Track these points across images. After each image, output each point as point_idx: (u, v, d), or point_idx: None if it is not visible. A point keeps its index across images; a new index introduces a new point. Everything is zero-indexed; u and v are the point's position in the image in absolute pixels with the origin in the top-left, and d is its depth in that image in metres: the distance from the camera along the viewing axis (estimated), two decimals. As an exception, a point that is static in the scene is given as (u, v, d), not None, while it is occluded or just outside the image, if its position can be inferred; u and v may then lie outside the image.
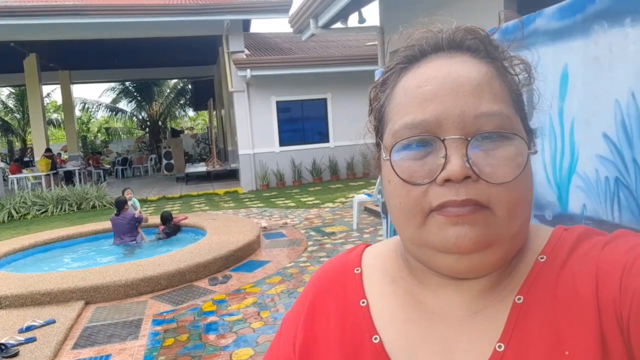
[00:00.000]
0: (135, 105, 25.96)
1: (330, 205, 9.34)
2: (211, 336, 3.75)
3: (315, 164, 12.91)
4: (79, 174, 14.78)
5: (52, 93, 26.07)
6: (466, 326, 0.52)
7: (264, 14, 12.24)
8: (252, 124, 12.48)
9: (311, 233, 7.02)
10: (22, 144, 25.54)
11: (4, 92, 25.45)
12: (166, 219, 7.21)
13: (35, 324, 3.99)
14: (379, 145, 0.56)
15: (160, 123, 25.82)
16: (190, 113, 30.83)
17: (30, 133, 20.08)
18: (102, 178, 17.17)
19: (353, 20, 7.78)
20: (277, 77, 12.33)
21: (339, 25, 7.90)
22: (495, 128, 0.48)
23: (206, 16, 11.70)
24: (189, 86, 24.64)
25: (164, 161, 17.93)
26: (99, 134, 29.00)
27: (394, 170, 0.50)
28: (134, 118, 27.13)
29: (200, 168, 16.30)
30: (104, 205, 10.96)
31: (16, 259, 6.48)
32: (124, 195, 7.31)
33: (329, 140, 13.17)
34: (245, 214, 8.94)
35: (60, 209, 10.69)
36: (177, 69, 20.11)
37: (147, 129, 25.85)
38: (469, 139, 0.47)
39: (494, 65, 0.51)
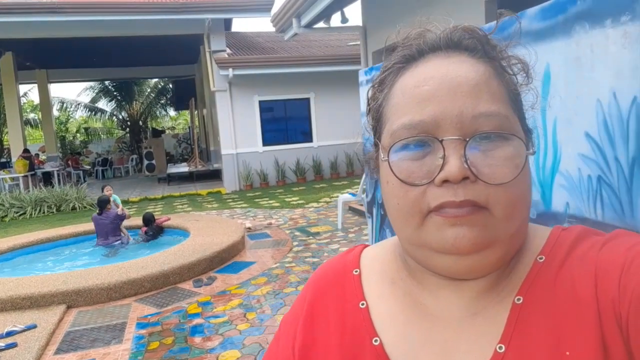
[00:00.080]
0: (115, 104, 25.56)
1: (315, 205, 9.33)
2: (197, 339, 3.71)
3: (299, 164, 12.88)
4: (58, 175, 14.49)
5: (29, 92, 25.54)
6: (466, 327, 0.52)
7: (246, 13, 12.15)
8: (235, 124, 12.40)
9: (296, 233, 7.01)
10: (-1, 144, 24.99)
11: (-21, 92, 24.84)
12: (148, 220, 7.11)
13: (15, 329, 3.90)
14: (377, 145, 0.55)
15: (141, 123, 25.46)
16: (172, 113, 30.51)
17: (7, 133, 19.59)
18: (82, 179, 16.86)
19: (336, 20, 7.80)
20: (260, 77, 12.26)
21: (321, 24, 7.91)
22: (493, 128, 0.47)
23: (187, 15, 11.57)
24: (170, 85, 24.38)
25: (145, 161, 17.68)
26: (78, 134, 28.49)
27: (392, 170, 0.49)
28: (114, 118, 26.71)
29: (182, 168, 16.13)
30: (84, 207, 10.77)
31: (-6, 263, 6.33)
32: (103, 192, 7.18)
33: (312, 140, 13.15)
34: (229, 215, 8.88)
35: (39, 211, 10.47)
36: (158, 68, 19.85)
37: (128, 129, 25.50)
38: (467, 139, 0.47)
39: (491, 65, 0.51)
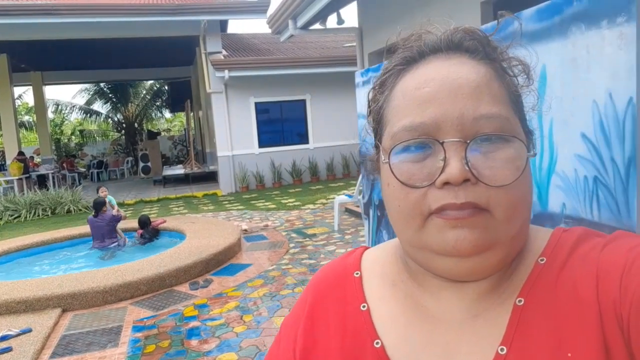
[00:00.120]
0: (110, 106, 25.47)
1: (311, 206, 9.33)
2: (194, 341, 3.70)
3: (295, 166, 12.87)
4: (53, 177, 14.43)
5: (24, 94, 25.45)
6: (467, 329, 0.51)
7: (242, 15, 12.15)
8: (231, 126, 12.38)
9: (292, 235, 7.00)
10: (-7, 147, 24.87)
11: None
12: (144, 223, 7.08)
13: (10, 333, 3.88)
14: (377, 147, 0.55)
15: (136, 125, 25.38)
16: (167, 115, 30.44)
17: (1, 136, 19.53)
18: (77, 182, 16.79)
19: (332, 22, 7.83)
20: (256, 78, 12.26)
21: (317, 26, 7.92)
22: (494, 130, 0.47)
23: (183, 16, 11.55)
24: (166, 87, 24.33)
25: (141, 164, 17.63)
26: (73, 137, 28.33)
27: (393, 173, 0.49)
28: (109, 120, 26.61)
29: (178, 170, 16.08)
30: (80, 210, 10.72)
31: (-12, 266, 6.29)
32: (98, 193, 7.14)
33: (308, 142, 13.16)
34: (225, 217, 8.86)
35: (34, 214, 10.42)
36: (153, 70, 19.80)
37: (123, 131, 25.40)
38: (468, 141, 0.47)
39: (492, 67, 0.51)
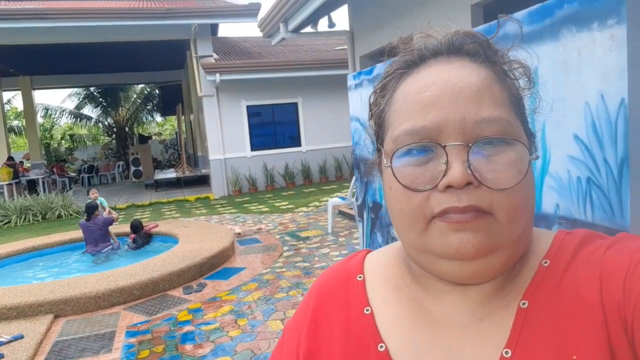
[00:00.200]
0: (100, 111, 25.27)
1: (304, 209, 9.32)
2: (188, 346, 3.68)
3: (288, 169, 12.87)
4: (43, 182, 14.28)
5: (13, 99, 25.19)
6: (471, 333, 0.52)
7: (233, 18, 12.12)
8: (223, 129, 12.36)
9: (286, 238, 6.99)
10: (-19, 153, 24.56)
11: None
12: (136, 227, 7.03)
13: (2, 340, 3.83)
14: (379, 151, 0.55)
15: (127, 129, 25.22)
16: (158, 118, 30.26)
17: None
18: (68, 186, 16.62)
19: (323, 25, 7.85)
20: (247, 82, 12.25)
21: (309, 29, 7.94)
22: (496, 133, 0.47)
23: (173, 20, 11.51)
24: (156, 91, 24.20)
25: (132, 168, 17.50)
26: (63, 141, 28.10)
27: (395, 176, 0.49)
28: (100, 124, 26.40)
29: (170, 174, 16.00)
30: (71, 215, 10.63)
31: (-22, 273, 6.21)
32: (88, 195, 7.08)
33: (301, 144, 13.16)
34: (217, 221, 8.83)
35: (24, 219, 10.31)
36: (144, 74, 19.68)
37: (114, 135, 25.23)
38: (470, 145, 0.47)
39: (493, 70, 0.51)
